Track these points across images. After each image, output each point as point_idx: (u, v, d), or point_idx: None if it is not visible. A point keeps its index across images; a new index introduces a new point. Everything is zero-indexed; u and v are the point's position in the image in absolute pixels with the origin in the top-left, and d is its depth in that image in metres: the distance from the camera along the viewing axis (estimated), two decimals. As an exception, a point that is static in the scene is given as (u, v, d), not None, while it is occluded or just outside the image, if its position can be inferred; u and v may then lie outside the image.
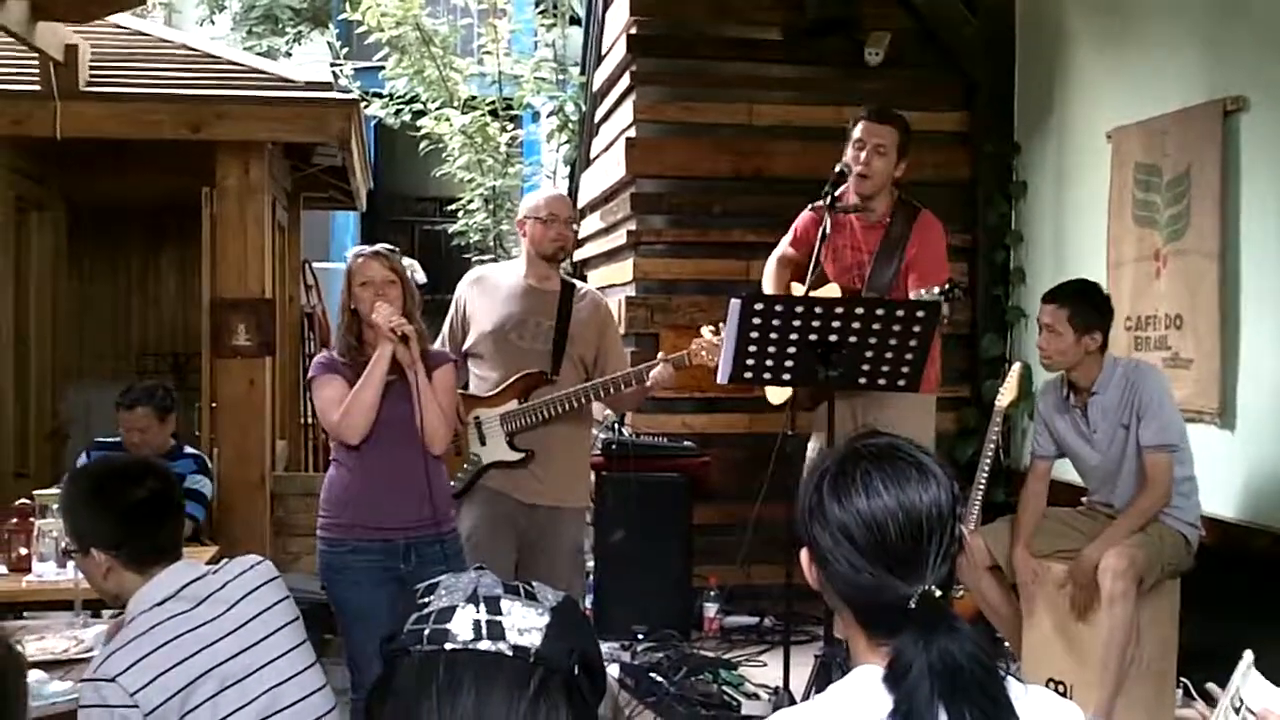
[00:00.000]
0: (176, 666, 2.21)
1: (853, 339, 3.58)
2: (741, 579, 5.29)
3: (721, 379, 3.75)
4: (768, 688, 4.31)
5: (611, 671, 4.47)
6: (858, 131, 4.12)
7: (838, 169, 4.11)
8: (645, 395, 4.08)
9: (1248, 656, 1.63)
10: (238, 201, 5.35)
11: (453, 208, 9.73)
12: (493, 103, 9.33)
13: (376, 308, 3.35)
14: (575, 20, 9.32)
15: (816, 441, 4.12)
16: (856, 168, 4.09)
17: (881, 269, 4.13)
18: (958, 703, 1.32)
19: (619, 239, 6.07)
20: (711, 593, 5.21)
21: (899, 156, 4.14)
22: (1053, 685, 3.91)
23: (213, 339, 5.44)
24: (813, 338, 3.58)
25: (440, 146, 9.31)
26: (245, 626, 2.31)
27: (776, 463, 4.02)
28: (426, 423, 3.38)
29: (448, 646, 1.08)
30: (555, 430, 3.94)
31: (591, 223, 7.02)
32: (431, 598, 1.13)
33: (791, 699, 3.79)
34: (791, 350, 3.61)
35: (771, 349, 3.62)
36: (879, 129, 4.10)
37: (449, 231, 9.92)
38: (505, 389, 3.93)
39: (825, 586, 1.47)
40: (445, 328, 4.13)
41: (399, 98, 9.52)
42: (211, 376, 5.49)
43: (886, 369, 3.65)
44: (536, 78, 9.17)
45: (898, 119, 4.17)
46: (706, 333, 3.96)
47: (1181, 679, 3.92)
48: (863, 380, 3.69)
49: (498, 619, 1.09)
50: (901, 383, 3.69)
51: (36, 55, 4.90)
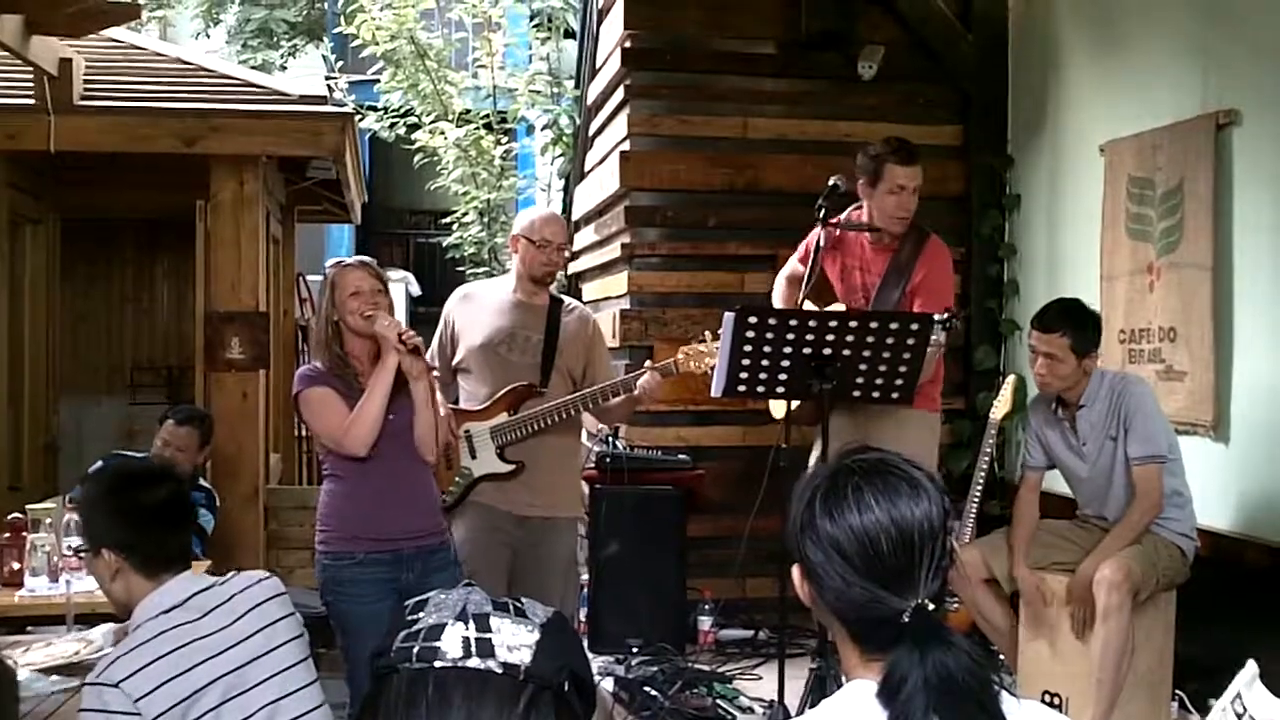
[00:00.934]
0: (181, 675, 2.21)
1: (846, 352, 3.58)
2: (736, 592, 5.30)
3: (716, 392, 3.75)
4: (762, 701, 4.31)
5: (606, 685, 4.45)
6: (900, 177, 4.11)
7: (831, 182, 4.12)
8: (634, 406, 4.07)
9: (1252, 667, 1.63)
10: (232, 215, 5.34)
11: (447, 221, 9.73)
12: (487, 116, 9.34)
13: (379, 318, 3.33)
14: (570, 34, 9.34)
15: (818, 454, 4.12)
16: (899, 213, 4.13)
17: (887, 292, 4.17)
18: (952, 716, 1.31)
19: (613, 252, 6.07)
20: (706, 606, 5.20)
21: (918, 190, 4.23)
22: (1048, 698, 3.90)
23: (206, 352, 5.43)
24: (806, 350, 3.58)
25: (435, 160, 9.33)
26: (250, 639, 2.32)
27: (771, 476, 4.02)
28: (429, 431, 3.39)
29: (436, 664, 1.07)
30: (546, 442, 3.94)
31: (586, 236, 7.02)
32: (420, 614, 1.12)
33: (786, 713, 3.78)
34: (785, 363, 3.62)
35: (765, 361, 3.62)
36: (915, 171, 4.14)
37: (443, 244, 9.93)
38: (495, 402, 3.93)
39: (817, 602, 1.46)
40: (434, 344, 4.13)
41: (393, 111, 9.53)
42: (205, 390, 5.48)
43: (880, 382, 3.65)
44: (531, 91, 9.18)
45: (918, 158, 4.21)
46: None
47: (1176, 691, 3.92)
48: (856, 393, 3.69)
49: (487, 636, 1.08)
50: (895, 395, 3.69)
51: (31, 69, 4.91)
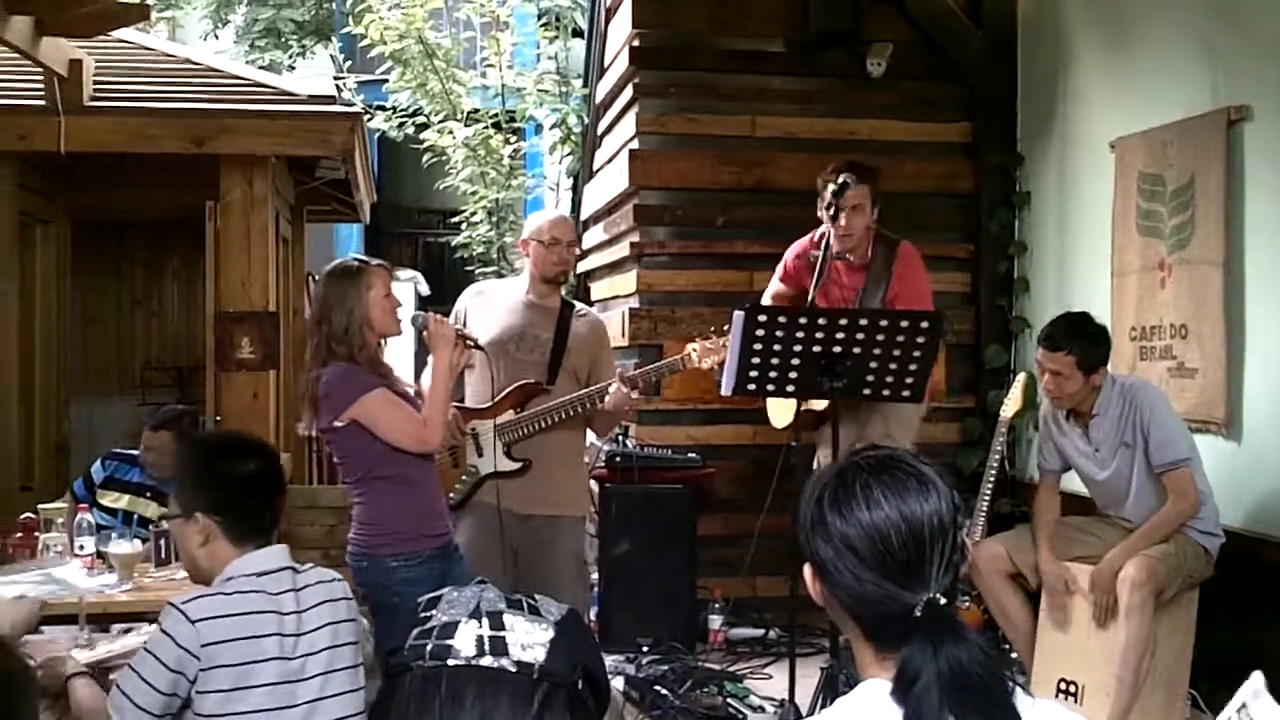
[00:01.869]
0: (249, 640, 2.24)
1: (856, 350, 3.58)
2: (746, 591, 5.29)
3: (725, 390, 3.75)
4: (773, 700, 4.30)
5: (616, 684, 4.45)
6: (851, 193, 4.20)
7: (840, 179, 4.12)
8: (609, 421, 4.11)
9: (1257, 678, 1.62)
10: (242, 215, 5.35)
11: (456, 220, 9.74)
12: (495, 115, 9.35)
13: (435, 318, 3.45)
14: (578, 33, 9.34)
15: (823, 453, 4.12)
16: (837, 231, 4.22)
17: (868, 303, 4.27)
18: (966, 711, 1.30)
19: (622, 251, 6.07)
20: (716, 605, 5.20)
21: (873, 206, 4.30)
22: (1065, 684, 3.89)
23: (217, 352, 5.43)
24: (816, 349, 3.58)
25: (443, 159, 9.34)
26: (314, 633, 2.35)
27: (781, 474, 4.02)
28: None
29: (450, 662, 1.07)
30: (552, 440, 3.94)
31: (594, 235, 7.02)
32: (434, 612, 1.12)
33: (797, 712, 3.78)
34: (795, 361, 3.61)
35: (775, 360, 3.62)
36: (856, 193, 4.21)
37: (452, 244, 9.94)
38: (501, 400, 3.93)
39: (829, 600, 1.46)
40: None
41: (402, 111, 9.54)
42: (215, 390, 5.48)
43: (891, 379, 3.65)
44: (539, 90, 9.19)
45: (868, 175, 4.28)
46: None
47: (1190, 690, 3.90)
48: (867, 391, 3.69)
49: (501, 634, 1.08)
50: (906, 394, 3.69)
51: (41, 70, 4.91)
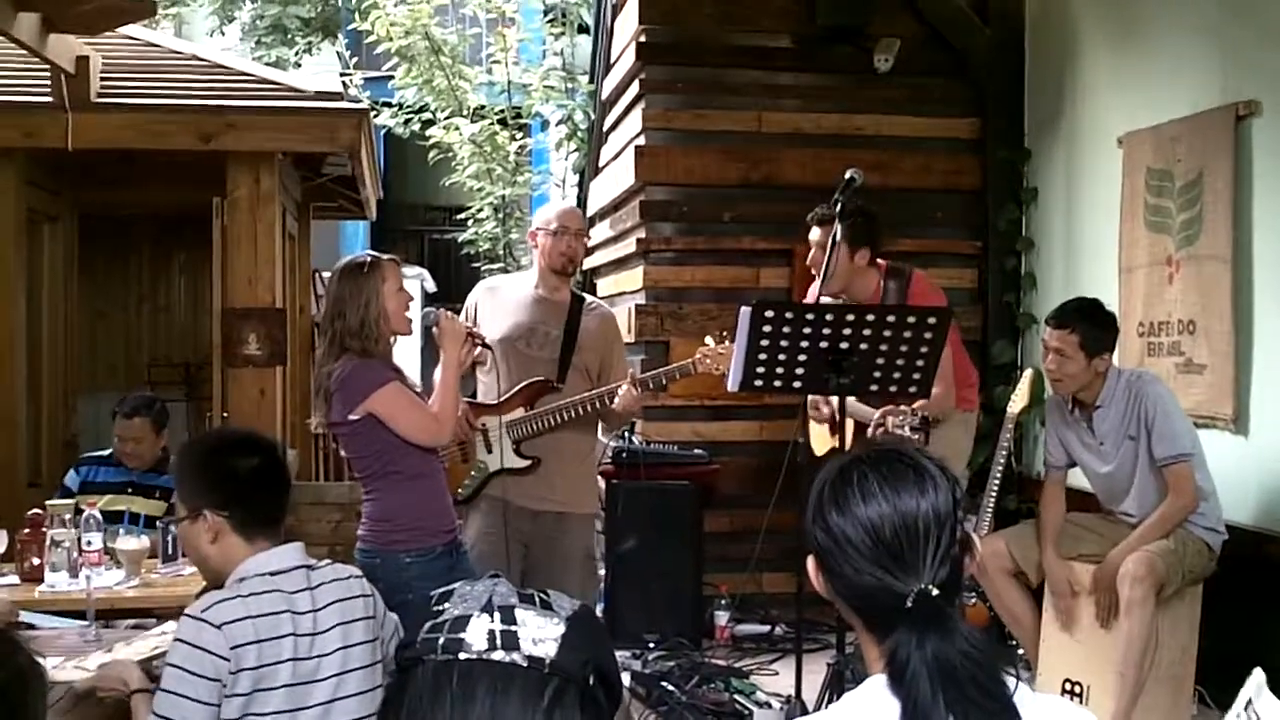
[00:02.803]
0: (270, 641, 2.23)
1: (864, 346, 3.57)
2: (753, 587, 5.29)
3: (732, 387, 3.74)
4: (780, 696, 4.30)
5: (623, 680, 4.45)
6: (813, 235, 4.22)
7: (848, 175, 4.10)
8: (623, 421, 4.11)
9: (1259, 675, 1.62)
10: (248, 211, 5.36)
11: (462, 216, 9.74)
12: (501, 111, 9.34)
13: (445, 315, 3.46)
14: (584, 29, 9.33)
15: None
16: (814, 270, 4.19)
17: None
18: (956, 702, 1.32)
19: (628, 247, 6.07)
20: (722, 601, 5.20)
21: (852, 245, 4.13)
22: (1069, 685, 3.89)
23: (224, 349, 5.44)
24: (823, 345, 3.57)
25: (449, 155, 9.33)
26: (330, 631, 2.34)
27: (787, 471, 4.01)
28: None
29: (462, 656, 1.07)
30: (562, 437, 3.94)
31: (601, 231, 7.02)
32: (446, 605, 1.12)
33: (804, 708, 3.78)
34: (802, 358, 3.61)
35: (782, 356, 3.61)
36: (820, 231, 4.20)
37: (458, 240, 9.94)
38: (512, 396, 3.93)
39: (831, 593, 1.49)
40: None
41: (408, 107, 9.54)
42: (222, 386, 5.49)
43: (898, 376, 3.64)
44: (545, 86, 9.17)
45: (831, 219, 4.05)
46: (710, 341, 3.98)
47: (1197, 686, 3.90)
48: (874, 388, 3.68)
49: (512, 629, 1.08)
50: (913, 390, 3.68)
51: (48, 67, 4.92)
